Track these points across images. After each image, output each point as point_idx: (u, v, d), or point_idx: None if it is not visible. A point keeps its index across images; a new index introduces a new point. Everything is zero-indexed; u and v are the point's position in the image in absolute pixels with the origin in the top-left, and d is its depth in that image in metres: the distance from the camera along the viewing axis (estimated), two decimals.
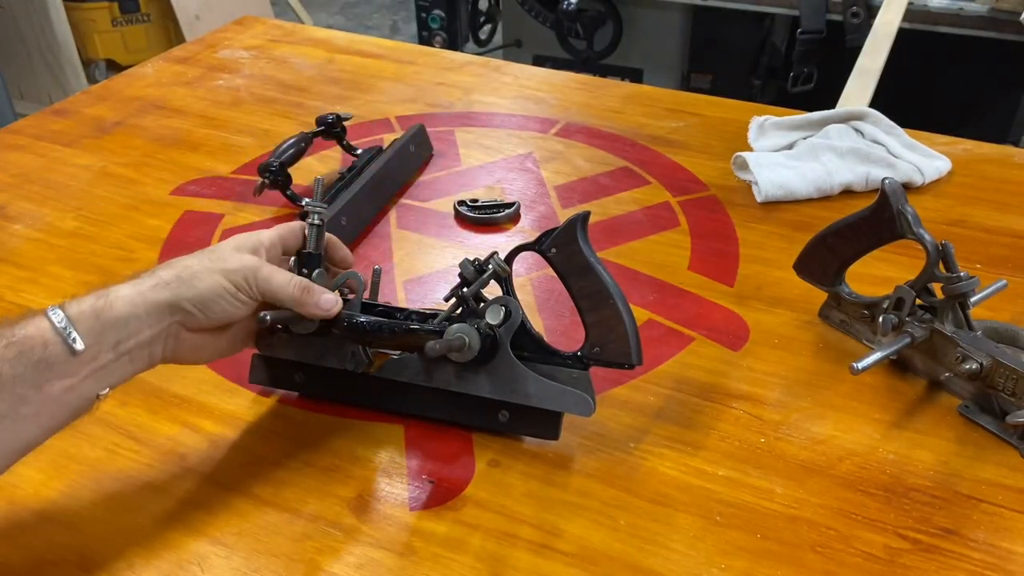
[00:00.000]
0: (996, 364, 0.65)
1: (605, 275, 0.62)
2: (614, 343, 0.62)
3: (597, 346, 0.62)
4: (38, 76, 2.93)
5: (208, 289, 0.58)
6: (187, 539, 0.59)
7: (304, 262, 0.66)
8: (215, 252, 0.61)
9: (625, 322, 0.61)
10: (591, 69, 2.50)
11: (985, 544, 0.58)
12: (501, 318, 0.63)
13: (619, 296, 0.62)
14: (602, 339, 0.62)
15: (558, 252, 0.62)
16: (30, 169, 1.07)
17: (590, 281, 0.62)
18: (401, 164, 1.03)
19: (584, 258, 0.62)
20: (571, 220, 0.61)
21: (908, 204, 0.68)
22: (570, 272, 0.62)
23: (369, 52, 1.40)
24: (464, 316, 0.64)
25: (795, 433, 0.67)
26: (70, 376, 0.54)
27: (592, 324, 0.62)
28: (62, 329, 0.53)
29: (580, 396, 0.63)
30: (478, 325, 0.62)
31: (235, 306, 0.60)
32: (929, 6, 1.95)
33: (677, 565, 0.57)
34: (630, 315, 0.62)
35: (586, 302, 0.62)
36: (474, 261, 0.64)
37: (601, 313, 0.62)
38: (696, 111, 1.19)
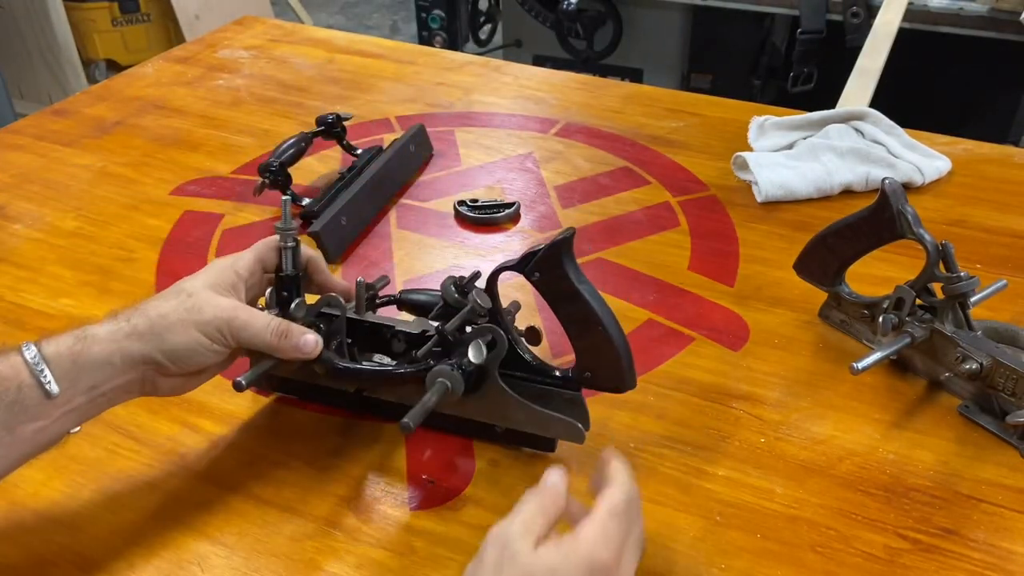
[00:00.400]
0: (996, 364, 0.65)
1: (593, 300, 0.58)
2: (605, 369, 0.59)
3: (588, 371, 0.60)
4: (38, 76, 2.93)
5: (182, 345, 0.57)
6: (187, 539, 0.59)
7: (282, 284, 0.64)
8: (191, 299, 0.58)
9: (616, 347, 0.58)
10: (591, 69, 2.50)
11: (985, 544, 0.58)
12: (484, 355, 0.60)
13: (609, 320, 0.58)
14: (593, 364, 0.60)
15: (542, 276, 0.58)
16: (30, 169, 1.07)
17: (577, 307, 0.58)
18: (401, 164, 1.03)
19: (570, 284, 0.58)
20: (555, 243, 0.57)
21: (908, 204, 0.68)
22: (555, 298, 0.59)
23: (369, 52, 1.40)
24: (446, 350, 0.61)
25: (795, 433, 0.67)
26: (43, 418, 0.54)
27: (582, 350, 0.60)
28: (38, 372, 0.53)
29: (570, 424, 0.61)
30: (461, 364, 0.59)
31: (210, 357, 0.59)
32: (929, 6, 1.94)
33: (677, 565, 0.57)
34: (621, 338, 0.59)
35: (574, 328, 0.59)
36: (458, 280, 0.62)
37: (590, 340, 0.59)
38: (696, 111, 1.19)
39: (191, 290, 0.59)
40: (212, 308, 0.58)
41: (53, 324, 0.80)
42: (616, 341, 0.58)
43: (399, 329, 0.65)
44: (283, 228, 0.63)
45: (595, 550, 0.46)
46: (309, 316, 0.64)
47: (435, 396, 0.57)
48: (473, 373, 0.60)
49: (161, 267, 0.88)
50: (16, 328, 0.80)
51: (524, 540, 0.46)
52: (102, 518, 0.61)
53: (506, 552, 0.46)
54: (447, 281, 0.62)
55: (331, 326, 0.64)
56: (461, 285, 0.62)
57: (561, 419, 0.61)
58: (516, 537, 0.46)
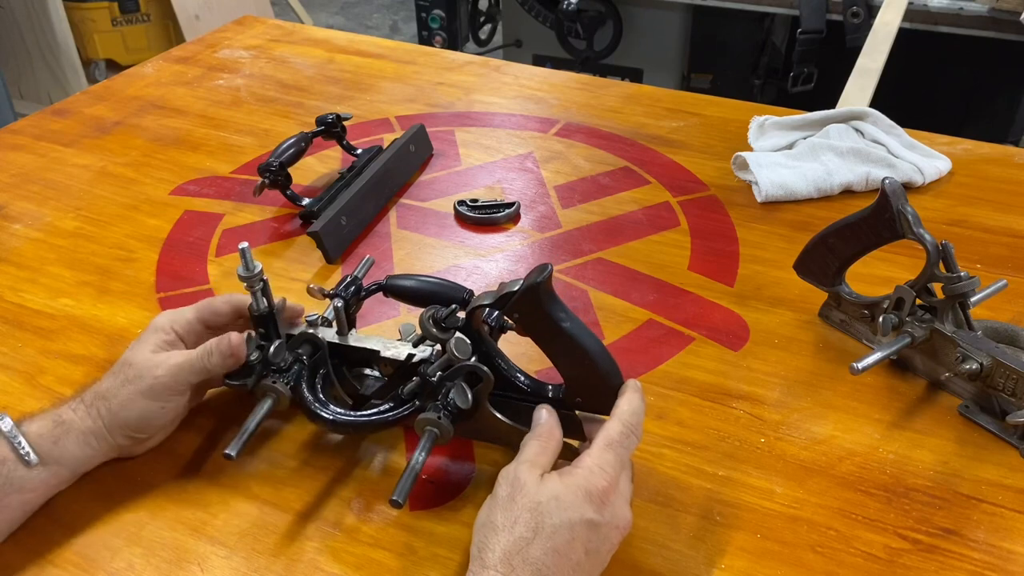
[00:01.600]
0: (996, 364, 0.65)
1: (576, 333, 0.56)
2: (596, 395, 0.59)
3: (579, 397, 0.59)
4: (38, 76, 2.93)
5: (138, 415, 0.61)
6: (187, 539, 0.59)
7: (257, 323, 0.65)
8: (131, 369, 0.62)
9: (606, 378, 0.58)
10: (591, 69, 2.50)
11: (985, 544, 0.58)
12: (469, 399, 0.58)
13: (596, 351, 0.57)
14: (583, 392, 0.59)
15: (522, 318, 0.57)
16: (30, 169, 1.07)
17: (562, 343, 0.57)
18: (401, 164, 1.03)
19: (551, 323, 0.56)
20: (531, 286, 0.55)
21: (908, 204, 0.68)
22: (538, 336, 0.58)
23: (369, 52, 1.40)
24: (432, 390, 0.60)
25: (795, 433, 0.67)
26: (28, 491, 0.58)
27: (572, 378, 0.59)
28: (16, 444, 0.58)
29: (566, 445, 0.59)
30: (447, 406, 0.59)
31: (170, 411, 0.63)
32: (929, 6, 1.94)
33: (677, 565, 0.57)
34: (611, 366, 0.58)
35: (562, 360, 0.58)
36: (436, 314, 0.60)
37: (579, 371, 0.58)
38: (696, 111, 1.19)
39: (131, 360, 0.63)
40: (149, 371, 0.61)
41: (53, 324, 0.80)
42: (605, 370, 0.57)
43: (384, 355, 0.65)
44: (247, 276, 0.63)
45: (591, 478, 0.53)
46: (292, 352, 0.64)
47: (425, 453, 0.58)
48: (461, 413, 0.59)
49: (161, 267, 0.88)
50: (16, 328, 0.80)
51: (531, 473, 0.53)
52: (102, 518, 0.61)
53: (516, 484, 0.52)
54: (426, 315, 0.60)
55: (314, 358, 0.64)
56: (440, 319, 0.60)
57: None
58: (524, 471, 0.53)
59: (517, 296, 0.56)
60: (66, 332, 0.79)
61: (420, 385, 0.60)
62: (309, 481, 0.64)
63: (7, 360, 0.76)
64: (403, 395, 0.61)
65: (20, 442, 0.58)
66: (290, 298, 0.83)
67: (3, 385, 0.73)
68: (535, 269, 0.55)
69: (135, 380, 0.61)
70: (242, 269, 0.63)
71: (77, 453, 0.60)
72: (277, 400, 0.63)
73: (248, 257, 0.63)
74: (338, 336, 0.66)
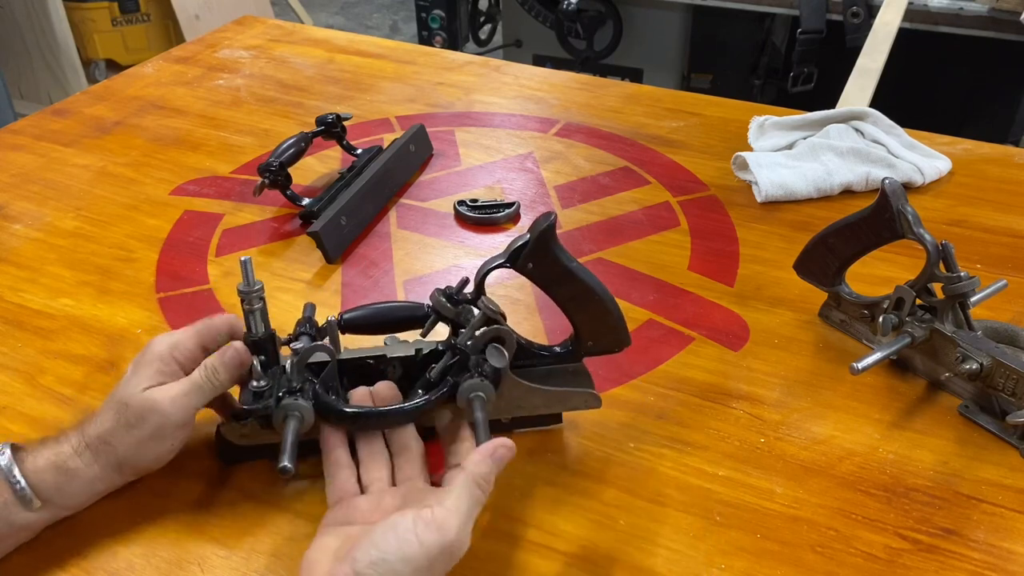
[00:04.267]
0: (996, 364, 0.65)
1: (585, 275, 0.60)
2: (606, 334, 0.63)
3: (591, 340, 0.63)
4: (38, 76, 2.93)
5: (148, 460, 0.58)
6: (187, 539, 0.59)
7: (255, 349, 0.60)
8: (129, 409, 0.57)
9: (613, 311, 0.62)
10: (591, 69, 2.50)
11: (985, 544, 0.58)
12: (506, 358, 0.60)
13: (601, 290, 0.61)
14: (595, 333, 0.63)
15: (535, 266, 0.60)
16: (30, 169, 1.07)
17: (573, 285, 0.60)
18: (401, 164, 1.03)
19: (562, 266, 0.59)
20: (541, 231, 0.58)
21: (908, 204, 0.68)
22: (551, 282, 0.61)
23: (369, 52, 1.40)
24: (462, 363, 0.60)
25: (795, 433, 0.67)
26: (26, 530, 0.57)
27: (581, 323, 0.62)
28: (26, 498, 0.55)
29: (586, 394, 0.64)
30: (483, 371, 0.59)
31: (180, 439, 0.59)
32: (929, 6, 1.94)
33: (677, 565, 0.57)
34: (613, 301, 0.62)
35: (572, 304, 0.61)
36: (447, 290, 0.61)
37: (589, 312, 0.61)
38: (696, 111, 1.19)
39: (127, 399, 0.57)
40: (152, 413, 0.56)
41: (53, 324, 0.80)
42: (611, 306, 0.61)
43: (392, 356, 0.63)
44: (246, 291, 0.59)
45: None
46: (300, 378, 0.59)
47: (481, 412, 0.58)
48: (495, 378, 0.60)
49: (161, 267, 0.88)
50: (16, 328, 0.80)
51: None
52: (102, 518, 0.61)
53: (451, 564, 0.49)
54: (436, 294, 0.61)
55: (324, 373, 0.60)
56: (452, 295, 0.61)
57: (577, 392, 0.64)
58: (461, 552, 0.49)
59: (531, 244, 0.58)
60: (66, 332, 0.79)
61: (449, 361, 0.60)
62: (309, 481, 0.64)
63: (7, 360, 0.76)
64: (432, 378, 0.60)
65: (21, 486, 0.55)
66: (290, 298, 0.83)
67: (3, 385, 0.73)
68: (540, 217, 0.58)
69: (138, 424, 0.56)
70: (243, 284, 0.59)
71: (82, 498, 0.58)
72: (302, 419, 0.58)
73: (249, 271, 0.58)
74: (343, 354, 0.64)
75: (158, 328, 0.79)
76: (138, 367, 0.59)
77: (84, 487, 0.57)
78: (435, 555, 0.48)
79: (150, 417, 0.56)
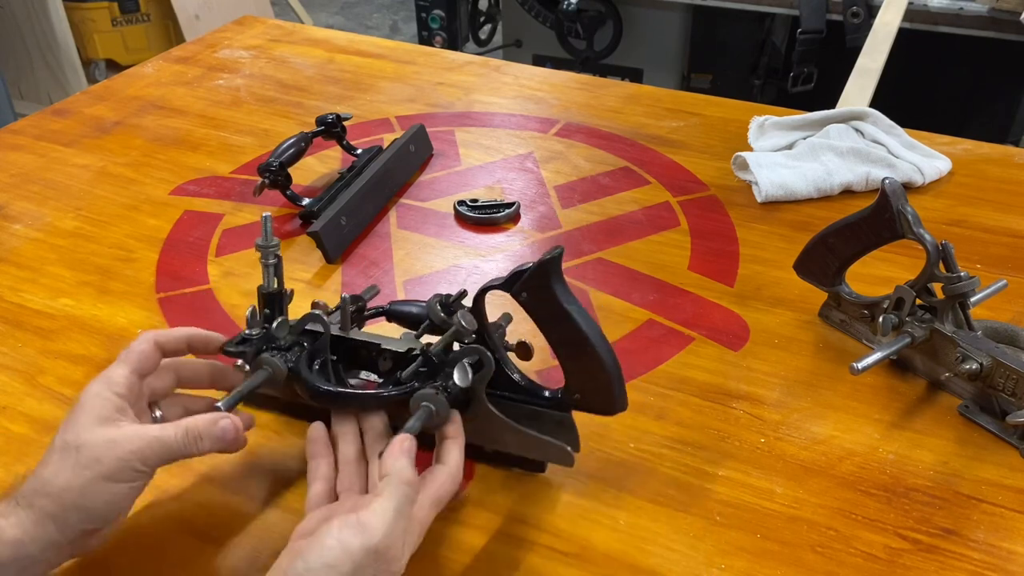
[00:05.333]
0: (996, 364, 0.65)
1: (581, 320, 0.55)
2: (594, 390, 0.57)
3: (577, 392, 0.58)
4: (38, 76, 2.93)
5: (103, 504, 0.51)
6: (187, 539, 0.59)
7: (264, 302, 0.63)
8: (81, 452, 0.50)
9: (606, 369, 0.56)
10: (591, 69, 2.50)
11: (985, 544, 0.58)
12: (470, 378, 0.57)
13: (599, 341, 0.56)
14: (582, 386, 0.58)
15: (529, 297, 0.56)
16: (30, 169, 1.07)
17: (567, 329, 0.56)
18: (401, 164, 1.03)
19: (558, 304, 0.55)
20: (542, 262, 0.54)
21: (908, 204, 0.68)
22: (543, 318, 0.57)
23: (369, 52, 1.40)
24: (432, 371, 0.59)
25: (795, 433, 0.67)
26: None
27: (571, 371, 0.58)
28: None
29: (560, 448, 0.59)
30: (446, 387, 0.57)
31: (135, 492, 0.52)
32: (929, 6, 1.95)
33: (677, 565, 0.57)
34: (612, 358, 0.56)
35: (564, 349, 0.57)
36: (444, 298, 0.61)
37: (580, 362, 0.56)
38: (696, 111, 1.19)
39: (78, 442, 0.51)
40: (109, 451, 0.50)
41: (53, 324, 0.80)
42: (606, 362, 0.56)
43: (384, 347, 0.63)
44: (263, 245, 0.62)
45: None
46: (292, 335, 0.62)
47: (418, 422, 0.56)
48: (459, 396, 0.58)
49: (161, 267, 0.88)
50: (16, 328, 0.80)
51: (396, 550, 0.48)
52: None
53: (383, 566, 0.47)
54: (433, 299, 0.60)
55: (315, 344, 0.62)
56: (447, 303, 0.60)
57: (551, 443, 0.60)
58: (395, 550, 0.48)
59: (529, 273, 0.55)
60: (66, 332, 0.79)
61: (420, 366, 0.59)
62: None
63: (7, 360, 0.76)
64: (401, 378, 0.60)
65: None
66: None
67: (3, 385, 0.73)
68: (548, 251, 0.55)
69: (93, 464, 0.50)
70: (261, 239, 0.62)
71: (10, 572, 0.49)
72: (272, 375, 0.60)
73: (268, 227, 0.62)
74: (341, 331, 0.65)
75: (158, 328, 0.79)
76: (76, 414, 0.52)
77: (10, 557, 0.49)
78: (359, 558, 0.46)
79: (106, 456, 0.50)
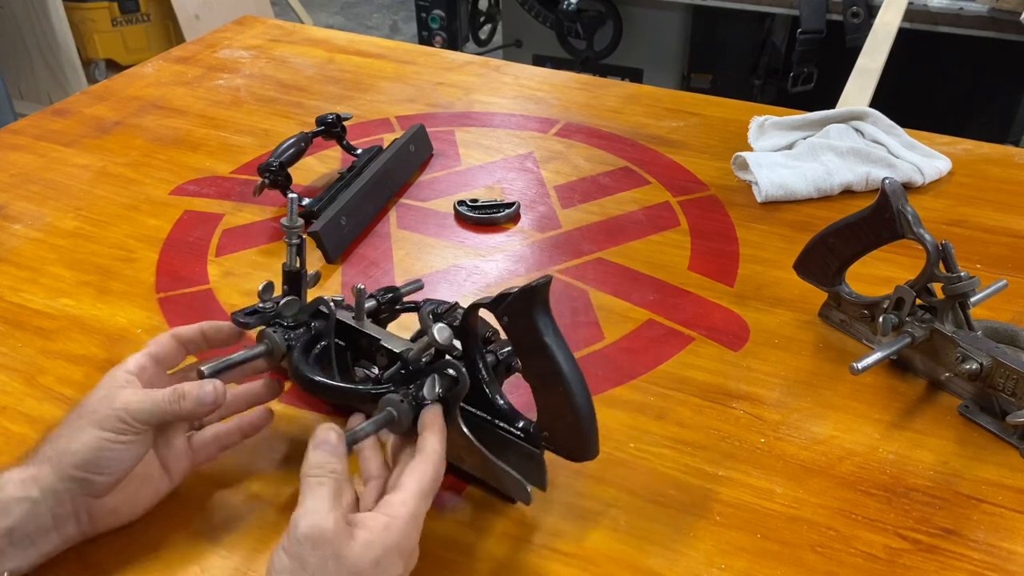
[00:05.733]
0: (996, 364, 0.65)
1: (559, 355, 0.53)
2: (563, 432, 0.55)
3: (546, 430, 0.56)
4: (38, 76, 2.93)
5: (86, 447, 0.53)
6: (187, 539, 0.59)
7: (287, 280, 0.66)
8: (84, 406, 0.56)
9: (578, 411, 0.53)
10: (591, 69, 2.50)
11: (985, 544, 0.58)
12: (437, 393, 0.56)
13: (574, 380, 0.53)
14: (551, 425, 0.56)
15: (510, 322, 0.54)
16: (30, 169, 1.07)
17: (541, 361, 0.53)
18: (401, 164, 1.03)
19: (537, 335, 0.53)
20: (527, 289, 0.52)
21: (908, 204, 0.68)
22: (521, 347, 0.55)
23: (369, 52, 1.40)
24: (407, 378, 0.58)
25: (795, 433, 0.67)
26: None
27: (543, 407, 0.56)
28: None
29: (519, 483, 0.58)
30: (415, 395, 0.57)
31: (125, 450, 0.55)
32: (929, 6, 1.95)
33: (677, 565, 0.57)
34: (586, 402, 0.53)
35: (536, 381, 0.55)
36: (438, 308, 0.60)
37: (551, 398, 0.54)
38: (696, 111, 1.19)
39: (84, 402, 0.56)
40: (106, 405, 0.55)
41: (53, 324, 0.80)
42: (578, 404, 0.53)
43: (383, 344, 0.63)
44: (288, 226, 0.64)
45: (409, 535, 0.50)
46: (302, 315, 0.64)
47: (373, 426, 0.56)
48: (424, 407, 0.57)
49: (161, 267, 0.88)
50: (16, 328, 0.80)
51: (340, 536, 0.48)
52: None
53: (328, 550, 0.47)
54: (426, 307, 0.60)
55: (318, 329, 0.64)
56: (439, 313, 0.60)
57: (511, 475, 0.58)
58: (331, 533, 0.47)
59: (512, 298, 0.53)
60: (66, 332, 0.79)
61: (398, 371, 0.59)
62: None
63: (7, 360, 0.76)
64: (381, 377, 0.61)
65: None
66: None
67: (3, 385, 0.73)
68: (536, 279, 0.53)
69: (88, 413, 0.55)
70: (286, 220, 0.64)
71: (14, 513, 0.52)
72: (271, 351, 0.62)
73: (294, 208, 0.64)
74: (353, 320, 0.65)
75: (158, 328, 0.79)
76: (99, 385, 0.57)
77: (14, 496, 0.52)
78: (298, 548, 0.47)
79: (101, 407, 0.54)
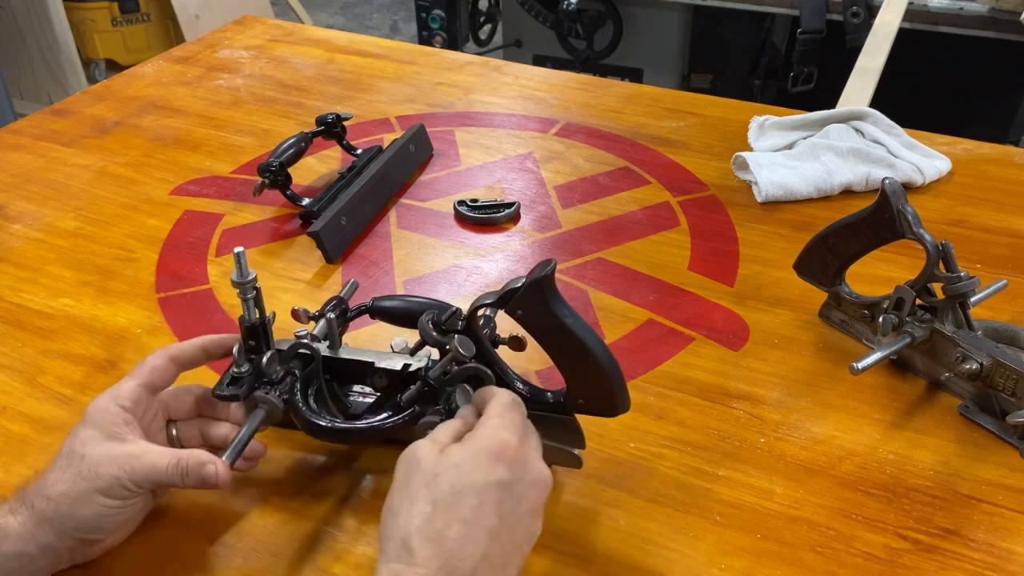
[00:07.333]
0: (996, 364, 0.65)
1: (579, 330, 0.55)
2: (597, 396, 0.57)
3: (580, 399, 0.58)
4: (38, 76, 2.93)
5: (91, 517, 0.53)
6: (187, 539, 0.59)
7: (248, 334, 0.61)
8: (84, 462, 0.53)
9: (608, 375, 0.56)
10: (591, 69, 2.50)
11: (985, 544, 0.58)
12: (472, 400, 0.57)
13: (600, 350, 0.55)
14: (585, 392, 0.57)
15: (524, 314, 0.55)
16: (30, 169, 1.07)
17: (567, 342, 0.55)
18: (401, 164, 1.03)
19: (554, 319, 0.54)
20: (535, 280, 0.53)
21: (908, 204, 0.68)
22: (541, 333, 0.56)
23: (369, 52, 1.40)
24: (431, 395, 0.59)
25: (795, 433, 0.67)
26: None
27: (572, 379, 0.57)
28: None
29: (567, 452, 0.60)
30: (448, 409, 0.58)
31: (127, 511, 0.55)
32: (929, 6, 1.95)
33: (677, 565, 0.57)
34: (613, 364, 0.56)
35: (564, 360, 0.57)
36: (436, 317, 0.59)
37: (583, 371, 0.56)
38: (696, 111, 1.19)
39: (83, 452, 0.54)
40: (107, 466, 0.53)
41: (53, 324, 0.80)
42: (607, 368, 0.55)
43: (379, 366, 0.62)
44: (240, 282, 0.59)
45: (496, 435, 0.50)
46: (284, 366, 0.62)
47: None
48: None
49: (161, 267, 0.88)
50: (16, 328, 0.80)
51: (429, 450, 0.50)
52: None
53: (413, 462, 0.50)
54: (425, 318, 0.59)
55: (306, 371, 0.62)
56: (440, 323, 0.59)
57: (558, 448, 0.60)
58: (421, 449, 0.50)
59: (521, 292, 0.54)
60: (66, 332, 0.79)
61: (420, 391, 0.59)
62: (309, 481, 0.64)
63: (7, 360, 0.76)
64: (402, 403, 0.60)
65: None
66: (290, 298, 0.83)
67: (3, 385, 0.73)
68: (538, 265, 0.54)
69: (91, 478, 0.53)
70: (236, 275, 0.59)
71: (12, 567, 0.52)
72: (270, 413, 0.60)
73: (243, 263, 0.59)
74: (330, 350, 0.64)
75: (158, 328, 0.79)
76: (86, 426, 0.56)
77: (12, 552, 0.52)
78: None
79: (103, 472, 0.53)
